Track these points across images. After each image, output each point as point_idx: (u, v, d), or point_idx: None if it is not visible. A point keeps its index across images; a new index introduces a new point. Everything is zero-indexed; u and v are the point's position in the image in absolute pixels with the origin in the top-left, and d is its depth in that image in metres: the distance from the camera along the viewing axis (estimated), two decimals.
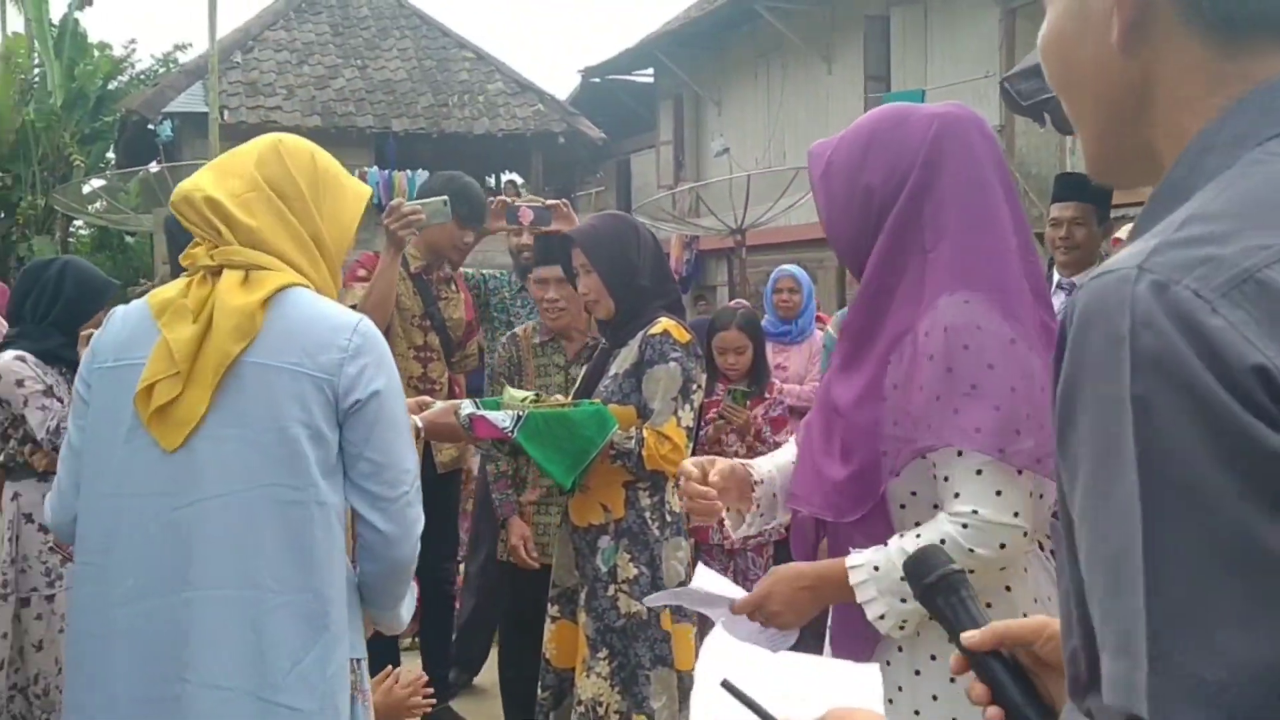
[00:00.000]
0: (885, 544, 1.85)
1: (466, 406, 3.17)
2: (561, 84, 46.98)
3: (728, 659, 1.40)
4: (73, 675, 2.02)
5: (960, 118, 1.94)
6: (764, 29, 18.05)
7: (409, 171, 19.09)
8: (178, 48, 25.17)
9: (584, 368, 4.08)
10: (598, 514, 3.32)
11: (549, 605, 3.52)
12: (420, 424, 2.93)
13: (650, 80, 23.26)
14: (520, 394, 3.32)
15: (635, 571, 3.25)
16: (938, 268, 1.87)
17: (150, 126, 18.42)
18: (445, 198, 4.01)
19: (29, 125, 24.05)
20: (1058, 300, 4.35)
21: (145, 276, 19.07)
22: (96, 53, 24.96)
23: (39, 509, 3.69)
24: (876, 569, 1.82)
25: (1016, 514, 1.79)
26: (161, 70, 25.09)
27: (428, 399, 3.35)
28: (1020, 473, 1.80)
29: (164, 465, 1.92)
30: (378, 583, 2.07)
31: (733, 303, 8.51)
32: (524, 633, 3.99)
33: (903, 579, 1.63)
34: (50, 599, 3.81)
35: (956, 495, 1.82)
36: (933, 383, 1.81)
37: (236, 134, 18.00)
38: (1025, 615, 1.77)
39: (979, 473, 1.80)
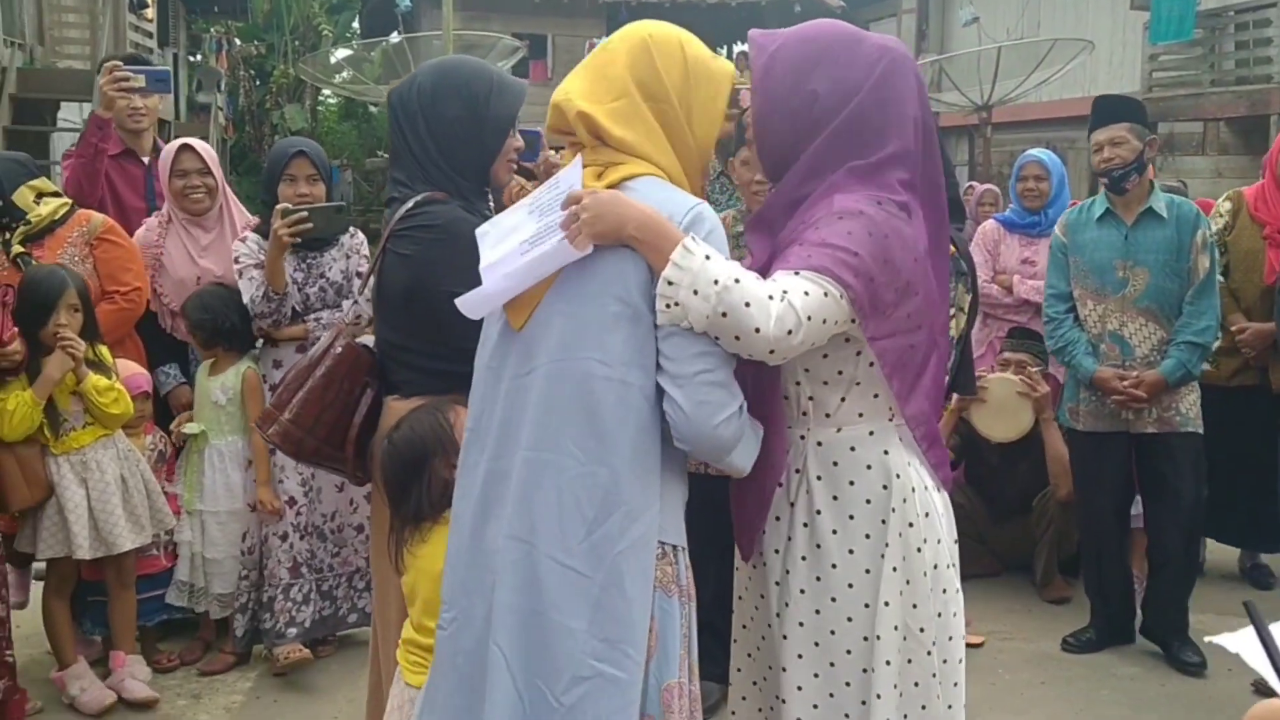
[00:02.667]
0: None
1: None
2: None
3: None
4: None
5: (905, 57, 2.17)
6: None
7: None
8: None
9: None
10: None
11: None
12: None
13: None
14: None
15: None
16: (853, 177, 2.08)
17: None
18: None
19: None
20: None
21: (384, 149, 19.60)
22: None
23: (271, 371, 4.12)
24: (708, 258, 1.93)
25: (809, 318, 1.94)
26: None
27: None
28: (825, 295, 1.96)
29: (514, 341, 2.07)
30: (694, 453, 2.03)
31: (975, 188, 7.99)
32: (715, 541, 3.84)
33: (716, 281, 1.88)
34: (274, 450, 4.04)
35: (773, 278, 1.98)
36: (804, 241, 2.04)
37: (471, 4, 18.04)
38: (851, 484, 2.12)
39: (796, 274, 1.97)
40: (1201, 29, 13.81)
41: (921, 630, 2.15)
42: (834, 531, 2.14)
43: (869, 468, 2.14)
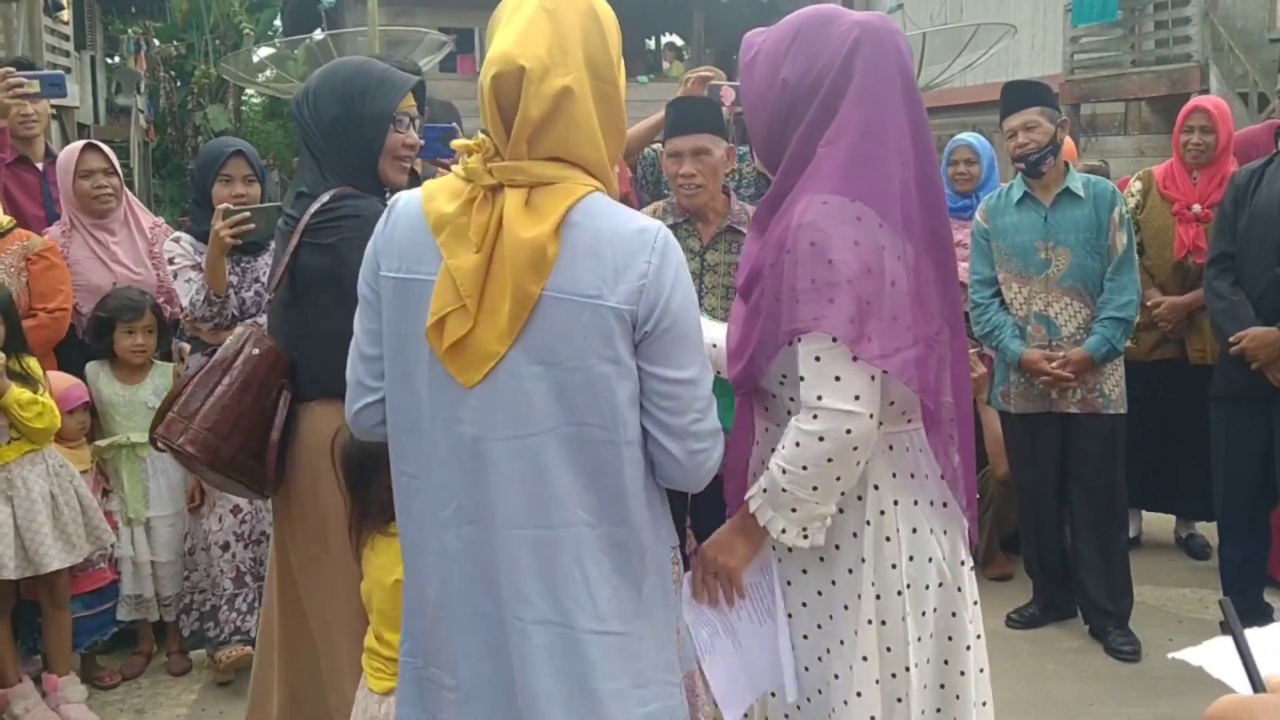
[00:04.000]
0: (764, 464, 2.01)
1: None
2: None
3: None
4: (415, 593, 1.94)
5: (880, 29, 2.03)
6: None
7: None
8: None
9: (720, 254, 3.72)
10: None
11: None
12: None
13: None
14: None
15: None
16: (822, 169, 1.97)
17: None
18: None
19: None
20: None
21: None
22: None
23: None
24: (765, 490, 1.96)
25: (857, 397, 1.92)
26: None
27: None
28: (856, 359, 1.91)
29: (469, 396, 1.80)
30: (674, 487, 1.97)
31: None
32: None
33: (784, 490, 1.93)
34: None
35: (802, 379, 1.94)
36: (790, 279, 1.94)
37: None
38: (875, 489, 2.03)
39: (817, 360, 1.93)
40: (1121, 10, 14.05)
41: (889, 650, 2.05)
42: (803, 571, 2.11)
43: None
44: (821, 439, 1.91)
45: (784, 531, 1.96)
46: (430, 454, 1.84)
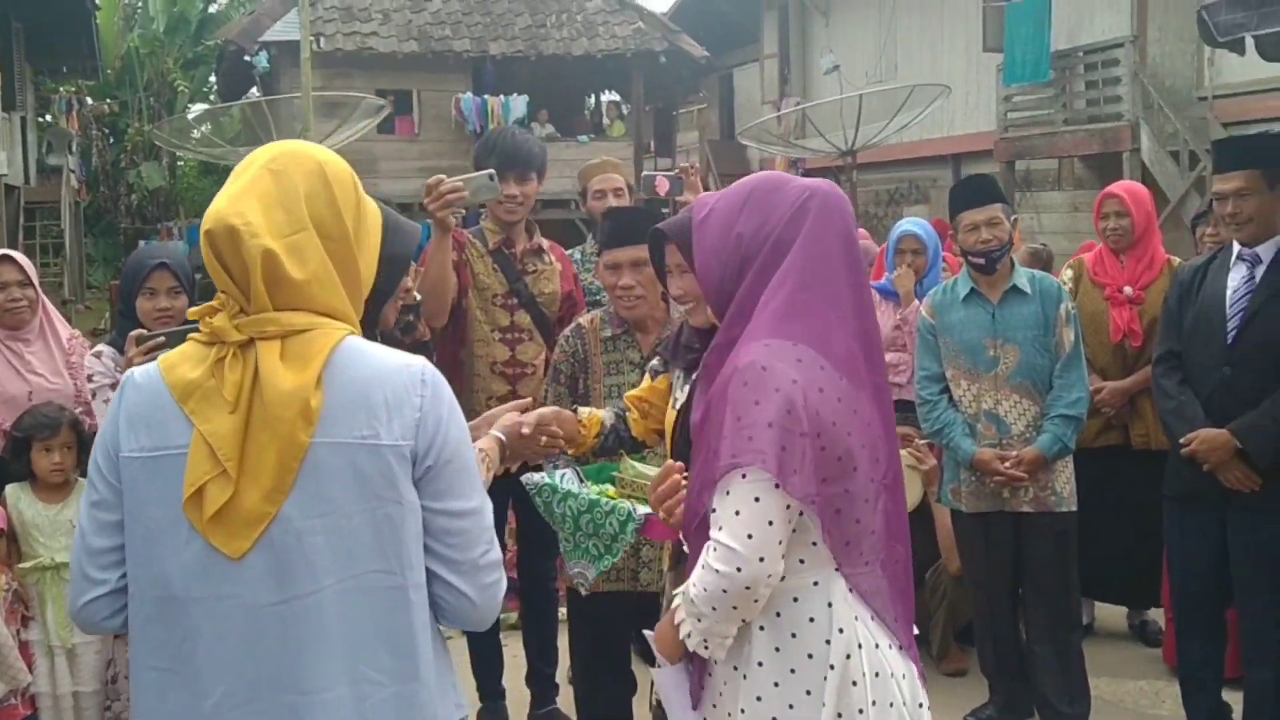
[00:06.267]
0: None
1: (570, 480, 2.80)
2: None
3: None
4: None
5: (829, 193, 2.20)
6: None
7: (503, 96, 18.72)
8: None
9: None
10: None
11: None
12: (498, 447, 2.58)
13: None
14: (647, 469, 2.77)
15: None
16: (764, 314, 2.11)
17: (246, 57, 18.21)
18: (491, 171, 3.56)
19: (133, 51, 24.28)
20: (1239, 272, 3.91)
21: None
22: None
23: None
24: (686, 594, 2.08)
25: (750, 536, 1.99)
26: None
27: (526, 401, 2.99)
28: (758, 500, 1.99)
29: (238, 568, 1.72)
30: (461, 627, 1.92)
31: None
32: (603, 660, 3.76)
33: (693, 601, 2.03)
34: None
35: (713, 511, 2.04)
36: (721, 421, 2.05)
37: (332, 61, 17.73)
38: (794, 636, 2.08)
39: (728, 493, 2.02)
40: (1053, 69, 14.28)
41: None
42: (775, 685, 2.10)
43: (812, 620, 2.10)
44: (717, 572, 1.99)
45: (689, 636, 2.08)
46: (192, 640, 1.74)
